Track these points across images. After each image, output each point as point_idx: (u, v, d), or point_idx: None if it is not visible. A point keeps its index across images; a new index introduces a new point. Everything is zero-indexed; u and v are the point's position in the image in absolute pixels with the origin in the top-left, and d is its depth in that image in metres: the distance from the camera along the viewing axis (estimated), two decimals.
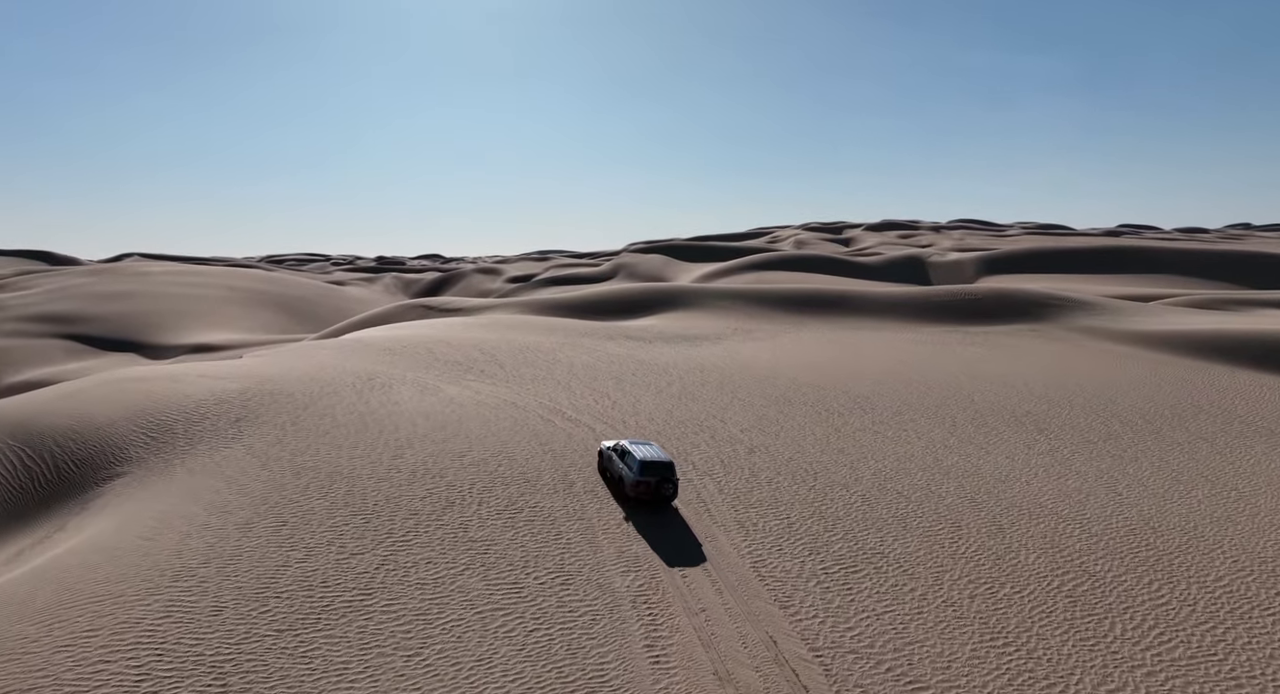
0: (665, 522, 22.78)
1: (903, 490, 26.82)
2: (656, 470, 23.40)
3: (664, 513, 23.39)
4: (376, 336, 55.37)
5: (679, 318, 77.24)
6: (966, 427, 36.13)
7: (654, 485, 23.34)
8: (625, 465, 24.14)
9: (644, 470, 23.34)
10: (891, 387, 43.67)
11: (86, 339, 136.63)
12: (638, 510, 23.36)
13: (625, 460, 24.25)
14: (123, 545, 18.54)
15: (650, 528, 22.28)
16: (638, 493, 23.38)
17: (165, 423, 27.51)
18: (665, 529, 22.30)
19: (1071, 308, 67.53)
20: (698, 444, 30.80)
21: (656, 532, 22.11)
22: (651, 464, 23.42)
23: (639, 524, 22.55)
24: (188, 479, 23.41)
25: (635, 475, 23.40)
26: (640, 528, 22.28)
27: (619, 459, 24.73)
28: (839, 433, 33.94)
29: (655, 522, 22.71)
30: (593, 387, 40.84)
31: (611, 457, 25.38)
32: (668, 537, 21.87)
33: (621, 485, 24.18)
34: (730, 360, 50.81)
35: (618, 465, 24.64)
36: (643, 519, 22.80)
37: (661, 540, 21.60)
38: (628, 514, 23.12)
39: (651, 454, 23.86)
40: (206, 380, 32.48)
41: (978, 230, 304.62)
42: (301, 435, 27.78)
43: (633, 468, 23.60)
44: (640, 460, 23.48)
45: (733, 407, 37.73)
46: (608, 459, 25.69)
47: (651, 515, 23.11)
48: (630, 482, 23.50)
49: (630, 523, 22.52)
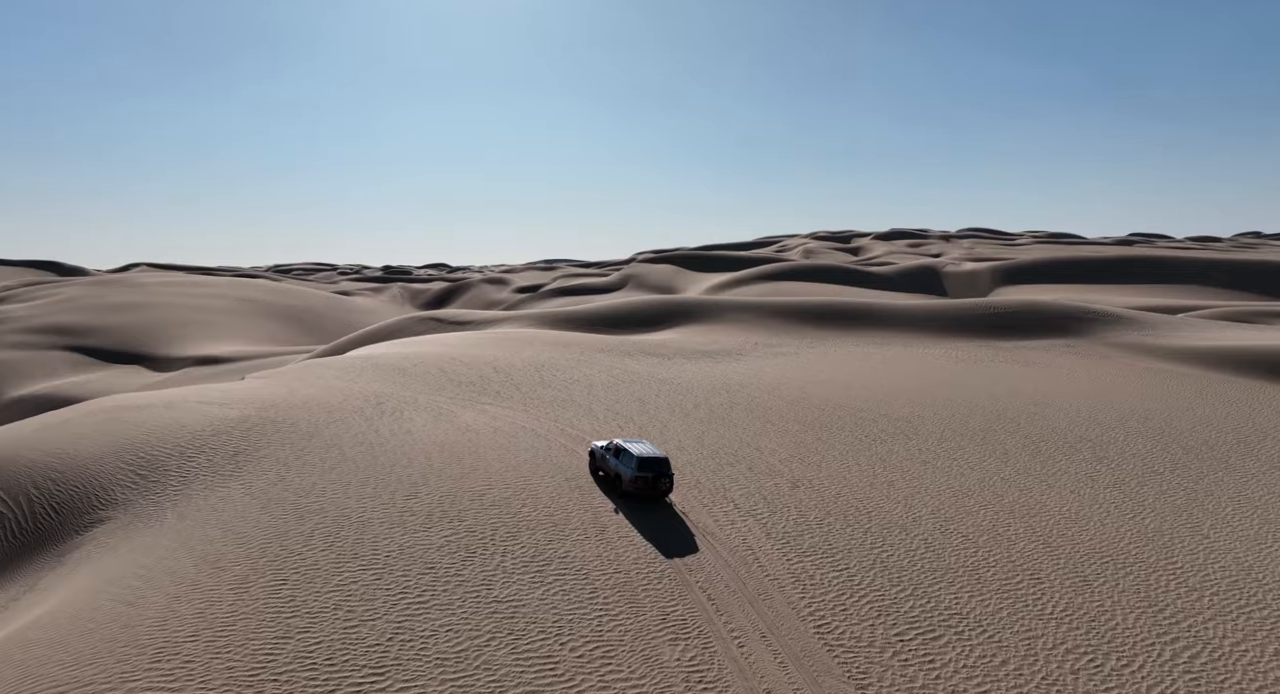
0: (707, 570, 20.31)
1: (967, 533, 24.29)
2: (653, 466, 24.60)
3: (660, 509, 24.42)
4: (386, 354, 53.10)
5: (697, 332, 74.80)
6: (1020, 455, 33.56)
7: (651, 480, 24.51)
8: (621, 462, 25.16)
9: (641, 466, 24.50)
10: (932, 409, 41.13)
11: (91, 351, 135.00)
12: (629, 504, 23.78)
13: (621, 458, 25.30)
14: (99, 613, 16.17)
15: (696, 579, 19.83)
16: (636, 488, 24.51)
17: (157, 459, 25.14)
18: (710, 582, 19.83)
19: (1106, 322, 64.89)
20: (735, 478, 28.31)
21: (702, 588, 19.64)
22: (648, 460, 24.61)
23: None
24: (178, 526, 21.01)
25: (633, 471, 24.51)
26: (678, 574, 19.83)
27: (614, 457, 25.75)
28: (885, 463, 31.42)
29: (697, 567, 20.25)
30: (615, 410, 38.42)
31: (605, 455, 26.39)
32: (713, 590, 19.40)
33: (618, 482, 25.19)
34: (756, 379, 48.34)
35: (612, 463, 25.70)
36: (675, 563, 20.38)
37: (708, 595, 19.14)
38: (618, 506, 24.31)
39: (647, 451, 25.06)
40: (204, 407, 30.16)
41: (988, 239, 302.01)
42: (306, 472, 25.38)
43: (630, 464, 24.71)
44: (637, 457, 24.65)
45: (767, 433, 35.24)
46: (600, 458, 26.71)
47: (681, 550, 20.67)
48: (629, 477, 24.56)
49: (620, 513, 23.70)
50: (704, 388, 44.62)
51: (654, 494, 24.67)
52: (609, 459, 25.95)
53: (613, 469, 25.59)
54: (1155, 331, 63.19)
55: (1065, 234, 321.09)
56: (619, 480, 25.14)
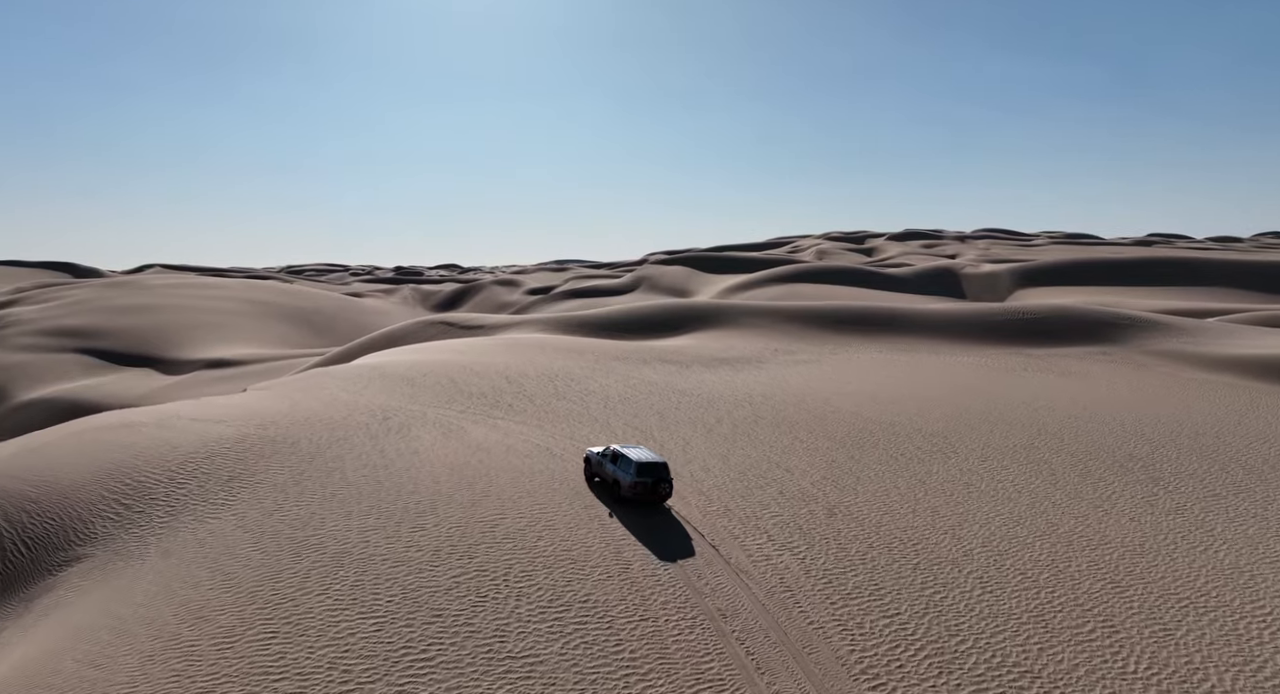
0: (743, 617, 18.25)
1: (1025, 569, 22.13)
2: (652, 471, 24.39)
3: (659, 513, 24.29)
4: (394, 362, 51.30)
5: (713, 337, 72.69)
6: (1069, 475, 31.32)
7: (651, 485, 24.30)
8: (619, 468, 24.90)
9: (641, 471, 24.25)
10: (968, 423, 38.90)
11: (103, 354, 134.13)
12: (643, 523, 23.09)
13: (619, 463, 25.03)
14: (59, 678, 14.30)
15: (733, 628, 17.78)
16: (635, 493, 24.31)
17: (144, 486, 23.29)
18: (748, 631, 17.77)
19: (1141, 328, 62.36)
20: (766, 503, 26.23)
21: (739, 638, 17.59)
22: (647, 465, 24.38)
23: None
24: (161, 565, 19.16)
25: (632, 477, 24.27)
26: (711, 622, 17.78)
27: (611, 463, 25.44)
28: (925, 486, 29.26)
29: (733, 613, 18.20)
30: (634, 424, 36.40)
31: (602, 462, 26.07)
32: (752, 642, 17.35)
33: (617, 488, 24.90)
34: (779, 389, 46.21)
35: (609, 469, 25.39)
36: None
37: (746, 648, 17.09)
38: (612, 510, 24.14)
39: (646, 456, 24.91)
40: (199, 426, 28.33)
41: (1004, 240, 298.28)
42: (304, 499, 23.47)
43: (629, 470, 24.46)
44: (636, 462, 24.40)
45: (796, 450, 33.14)
46: (597, 465, 26.38)
47: (714, 590, 18.62)
48: (628, 483, 24.30)
49: (614, 518, 23.56)
50: (726, 400, 42.55)
51: (653, 499, 24.58)
52: (606, 465, 25.78)
53: (610, 475, 25.39)
54: (1194, 338, 60.61)
55: (1082, 234, 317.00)
56: (617, 486, 24.91)
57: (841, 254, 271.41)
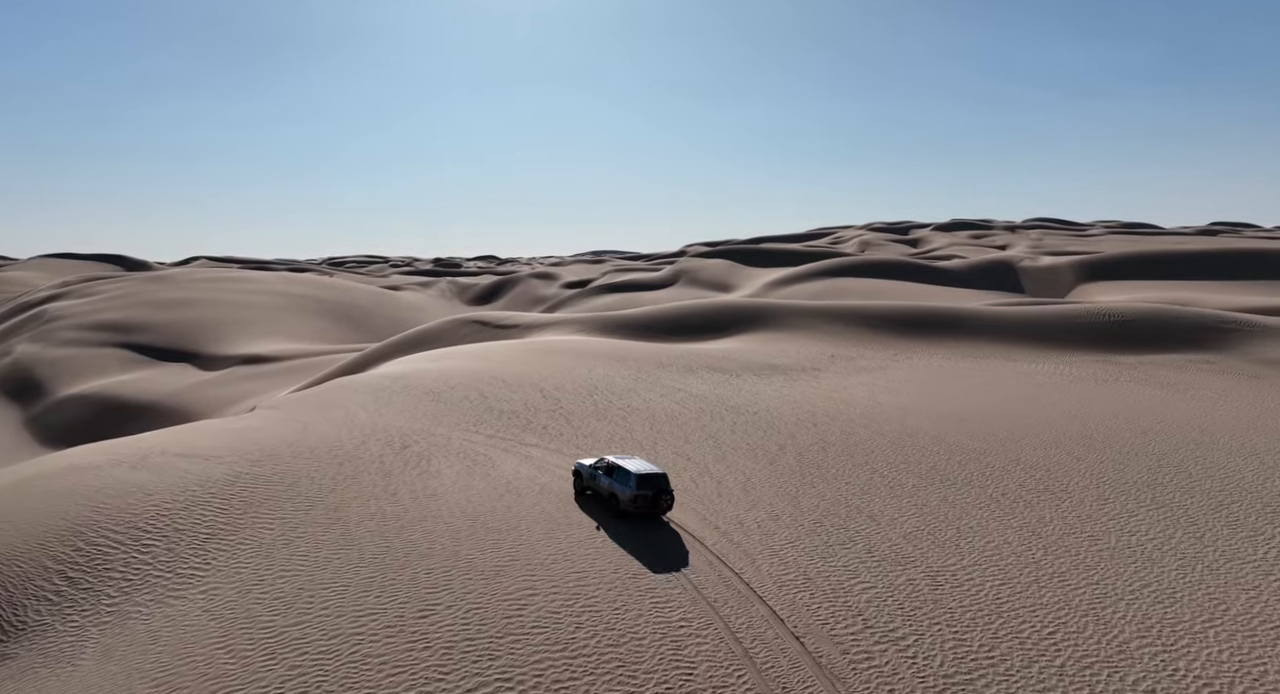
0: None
1: (1209, 676, 17.04)
2: (653, 483, 23.36)
3: (658, 527, 23.09)
4: (421, 371, 47.33)
5: (762, 341, 67.63)
6: (1213, 525, 25.91)
7: (652, 498, 23.24)
8: (616, 481, 23.76)
9: (641, 484, 23.21)
10: (1069, 451, 33.53)
11: (143, 348, 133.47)
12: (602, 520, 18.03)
13: (616, 476, 23.89)
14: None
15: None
16: (636, 507, 23.23)
17: (100, 550, 19.27)
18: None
19: (1250, 333, 55.81)
20: (854, 569, 21.40)
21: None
22: (647, 477, 23.35)
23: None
24: (95, 673, 15.08)
25: (632, 490, 23.21)
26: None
27: (607, 476, 24.28)
28: (1041, 540, 24.15)
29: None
30: (684, 453, 31.76)
31: (596, 474, 24.84)
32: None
33: (614, 502, 23.74)
34: (843, 405, 41.19)
35: (605, 482, 24.20)
36: None
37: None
38: (599, 524, 23.00)
39: (645, 467, 23.85)
40: (184, 464, 24.37)
41: (1057, 230, 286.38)
42: (293, 568, 19.29)
43: (628, 483, 23.39)
44: (636, 474, 23.36)
45: (876, 489, 28.24)
46: (590, 478, 25.08)
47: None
48: (628, 496, 23.22)
49: (602, 530, 22.55)
50: (785, 420, 37.67)
51: (654, 513, 23.60)
52: (601, 478, 24.51)
53: (606, 489, 24.15)
54: None
55: (1141, 224, 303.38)
56: (615, 500, 23.68)
57: (885, 245, 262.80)
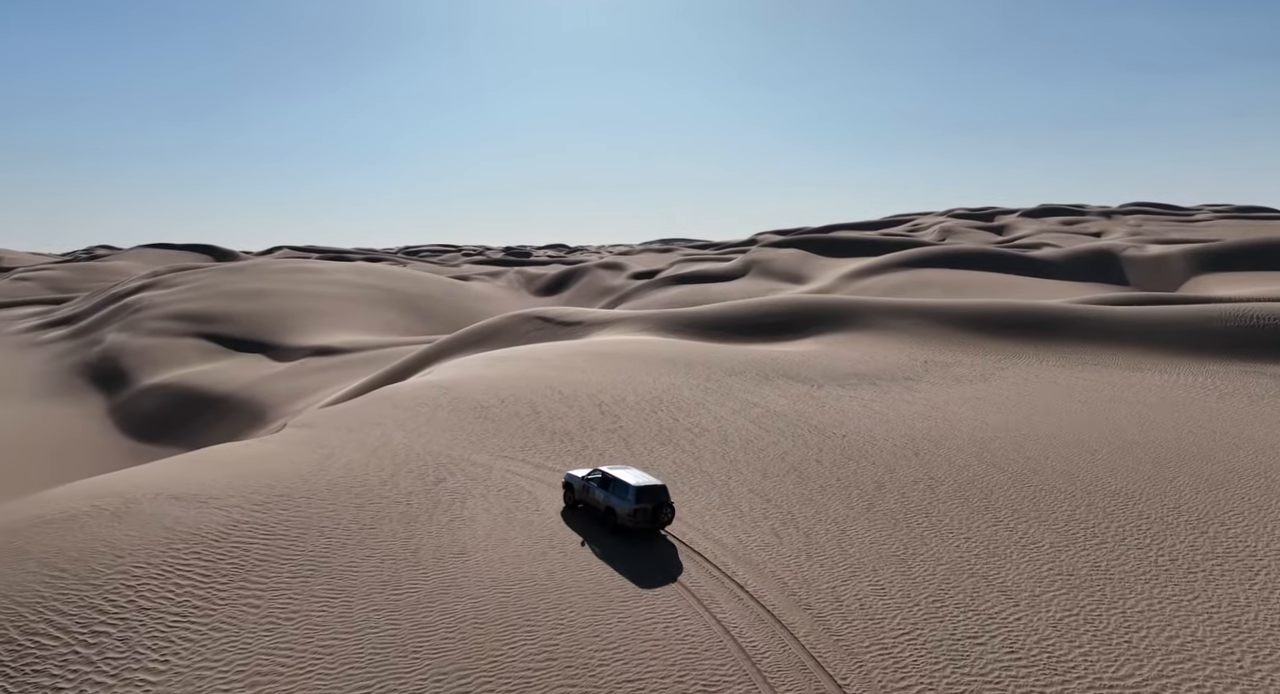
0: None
1: None
2: (653, 495, 22.19)
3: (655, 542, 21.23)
4: (473, 379, 43.62)
5: (845, 343, 61.75)
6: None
7: (652, 511, 22.07)
8: (613, 494, 22.51)
9: (640, 497, 22.03)
10: (1245, 496, 27.24)
11: (220, 339, 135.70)
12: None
13: (612, 488, 22.70)
14: None
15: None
16: (635, 521, 21.97)
17: (37, 641, 15.11)
18: None
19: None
20: (992, 675, 16.23)
21: None
22: (646, 490, 22.18)
23: None
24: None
25: (631, 503, 22.00)
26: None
27: (602, 488, 23.07)
28: (1245, 634, 18.39)
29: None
30: (763, 492, 26.83)
31: (589, 487, 23.61)
32: None
33: (610, 516, 22.51)
34: (946, 427, 35.51)
35: (600, 495, 22.96)
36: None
37: None
38: (585, 540, 21.84)
39: (643, 479, 22.73)
40: (177, 509, 20.82)
41: (1159, 215, 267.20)
42: (271, 671, 15.28)
43: (626, 495, 22.18)
44: (635, 486, 22.20)
45: (1004, 547, 22.79)
46: (582, 491, 23.85)
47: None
48: (627, 511, 21.96)
49: (587, 545, 21.46)
50: (881, 447, 32.29)
51: (654, 527, 22.31)
52: (595, 491, 23.21)
53: (601, 502, 22.86)
54: None
55: (1255, 207, 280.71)
56: (611, 515, 22.39)
57: (968, 233, 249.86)
